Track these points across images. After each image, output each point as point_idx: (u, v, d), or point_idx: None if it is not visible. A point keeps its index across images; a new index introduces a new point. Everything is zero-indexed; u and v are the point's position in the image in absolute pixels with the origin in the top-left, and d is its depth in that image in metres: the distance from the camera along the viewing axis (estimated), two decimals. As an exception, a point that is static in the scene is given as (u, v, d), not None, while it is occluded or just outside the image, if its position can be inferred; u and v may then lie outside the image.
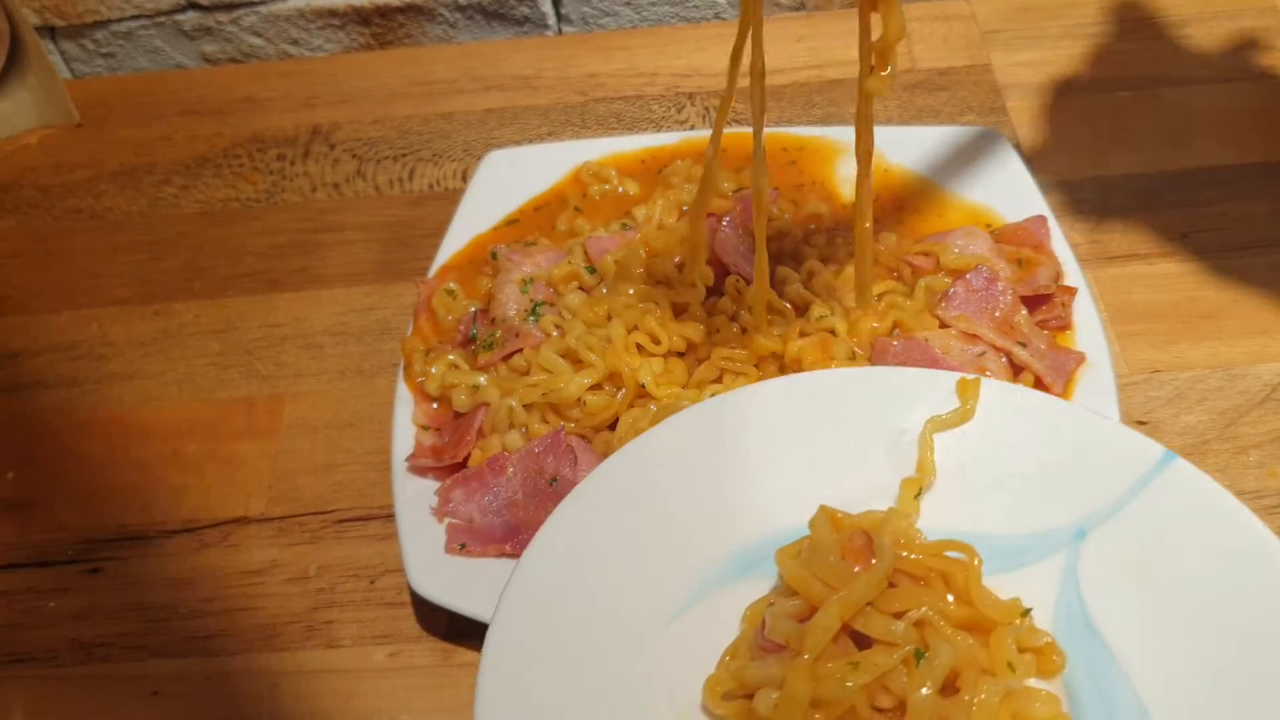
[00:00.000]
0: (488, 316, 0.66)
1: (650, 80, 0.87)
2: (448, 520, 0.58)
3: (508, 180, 0.76)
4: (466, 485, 0.59)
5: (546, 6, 0.93)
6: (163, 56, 0.95)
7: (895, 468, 0.53)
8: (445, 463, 0.60)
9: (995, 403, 0.53)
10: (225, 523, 0.63)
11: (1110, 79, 0.82)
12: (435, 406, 0.64)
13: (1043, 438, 0.52)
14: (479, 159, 0.77)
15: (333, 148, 0.85)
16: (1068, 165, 0.77)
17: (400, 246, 0.77)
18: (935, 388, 0.54)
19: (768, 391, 0.55)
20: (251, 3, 0.92)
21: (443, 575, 0.56)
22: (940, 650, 0.45)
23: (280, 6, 0.92)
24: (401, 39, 0.95)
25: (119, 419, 0.69)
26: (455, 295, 0.68)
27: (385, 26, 0.94)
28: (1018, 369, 0.61)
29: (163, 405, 0.69)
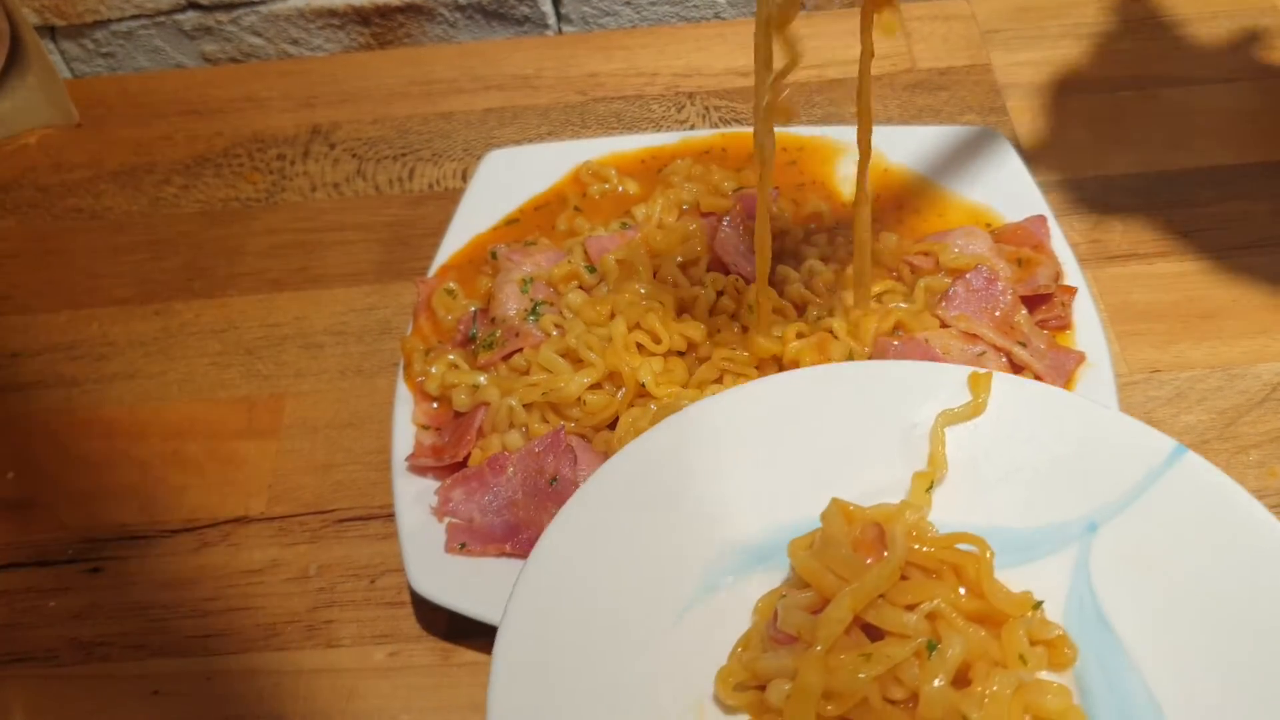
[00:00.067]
0: (488, 316, 0.66)
1: (650, 80, 0.87)
2: (448, 520, 0.58)
3: (508, 180, 0.76)
4: (466, 485, 0.59)
5: (546, 6, 0.93)
6: (163, 56, 0.95)
7: (907, 461, 0.53)
8: (445, 462, 0.60)
9: (1007, 397, 0.53)
10: (225, 522, 0.63)
11: (1110, 79, 0.82)
12: (435, 406, 0.64)
13: (1054, 432, 0.52)
14: (479, 159, 0.77)
15: (333, 147, 0.85)
16: (1068, 165, 0.77)
17: (400, 246, 0.77)
18: (947, 382, 0.54)
19: (779, 385, 0.55)
20: (251, 2, 0.92)
21: (443, 575, 0.56)
22: (952, 642, 0.45)
23: (280, 6, 0.92)
24: (401, 39, 0.95)
25: (119, 419, 0.69)
26: (455, 295, 0.68)
27: (385, 26, 0.94)
28: (1018, 369, 0.61)
29: (163, 405, 0.69)
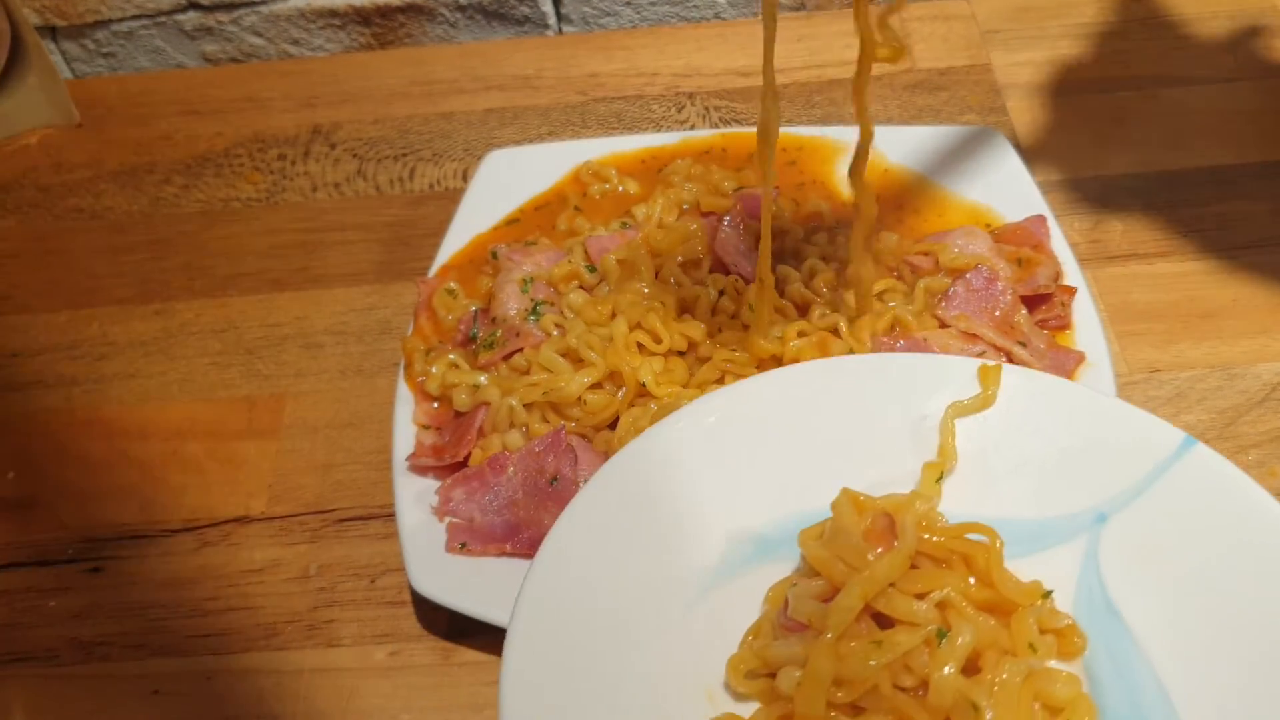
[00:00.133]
0: (488, 316, 0.66)
1: (650, 80, 0.87)
2: (448, 519, 0.58)
3: (508, 180, 0.76)
4: (467, 484, 0.59)
5: (547, 6, 0.93)
6: (163, 56, 0.95)
7: (917, 453, 0.53)
8: (446, 462, 0.60)
9: (1016, 389, 0.53)
10: (226, 522, 0.63)
11: (1110, 79, 0.82)
12: (436, 406, 0.64)
13: (1064, 423, 0.52)
14: (479, 159, 0.77)
15: (333, 147, 0.85)
16: (1068, 165, 0.77)
17: (401, 246, 0.77)
18: (956, 374, 0.54)
19: (789, 377, 0.55)
20: (252, 2, 0.92)
21: (443, 574, 0.56)
22: (963, 630, 0.45)
23: (281, 6, 0.92)
24: (402, 39, 0.95)
25: (119, 418, 0.69)
26: (456, 295, 0.68)
27: (386, 26, 0.94)
28: (1018, 368, 0.61)
29: (163, 405, 0.69)
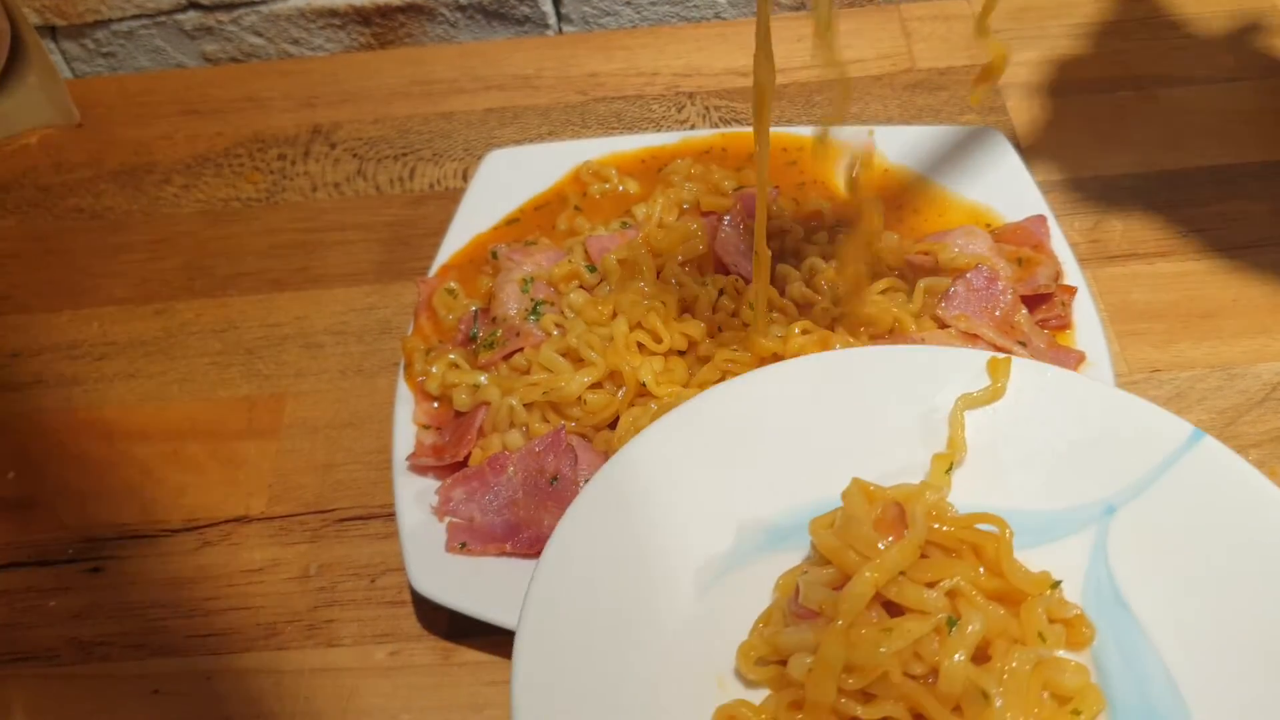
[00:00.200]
0: (488, 316, 0.66)
1: (650, 80, 0.87)
2: (448, 519, 0.58)
3: (508, 180, 0.76)
4: (467, 484, 0.59)
5: (547, 6, 0.93)
6: (163, 56, 0.95)
7: (926, 444, 0.53)
8: (446, 462, 0.60)
9: (1026, 382, 0.53)
10: (226, 522, 0.63)
11: (1110, 79, 0.82)
12: (436, 405, 0.64)
13: (1073, 415, 0.52)
14: (479, 158, 0.77)
15: (333, 147, 0.85)
16: (1068, 165, 0.77)
17: (401, 246, 0.77)
18: (966, 366, 0.54)
19: (799, 369, 0.55)
20: (252, 2, 0.92)
21: (443, 574, 0.56)
22: (973, 618, 0.45)
23: (281, 6, 0.92)
24: (402, 39, 0.95)
25: (119, 418, 0.69)
26: (456, 294, 0.68)
27: (386, 26, 0.94)
28: (1018, 368, 0.61)
29: (163, 404, 0.69)
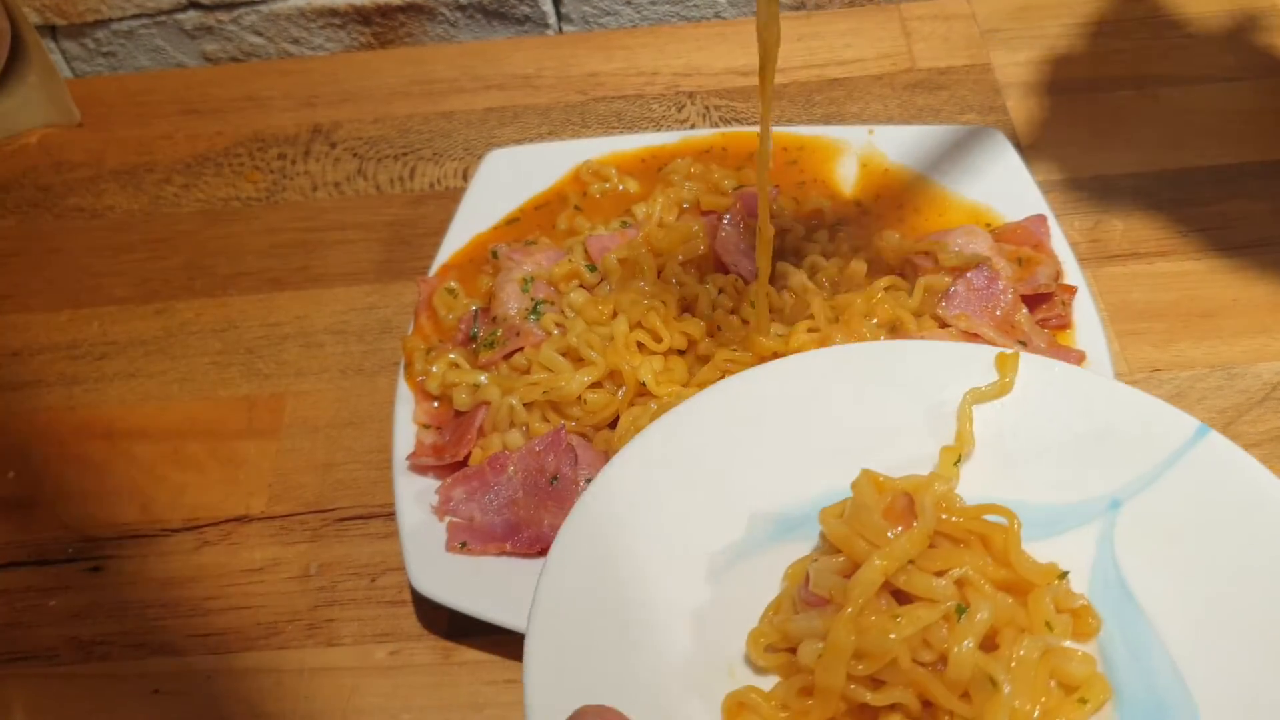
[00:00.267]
0: (489, 315, 0.66)
1: (650, 79, 0.87)
2: (448, 519, 0.58)
3: (508, 179, 0.76)
4: (467, 484, 0.59)
5: (547, 6, 0.93)
6: (164, 55, 0.95)
7: (934, 438, 0.53)
8: (446, 461, 0.60)
9: (1034, 376, 0.53)
10: (226, 521, 0.63)
11: (1110, 79, 0.83)
12: (436, 405, 0.64)
13: (1080, 411, 0.52)
14: (480, 158, 0.77)
15: (333, 147, 0.85)
16: (1068, 165, 0.77)
17: (401, 245, 0.77)
18: (974, 361, 0.54)
19: (808, 362, 0.55)
20: (252, 2, 0.92)
21: (443, 573, 0.56)
22: (981, 606, 0.45)
23: (281, 5, 0.92)
24: (402, 38, 0.95)
25: (120, 418, 0.69)
26: (456, 294, 0.68)
27: (386, 26, 0.94)
28: (1018, 368, 0.61)
29: (164, 404, 0.69)
